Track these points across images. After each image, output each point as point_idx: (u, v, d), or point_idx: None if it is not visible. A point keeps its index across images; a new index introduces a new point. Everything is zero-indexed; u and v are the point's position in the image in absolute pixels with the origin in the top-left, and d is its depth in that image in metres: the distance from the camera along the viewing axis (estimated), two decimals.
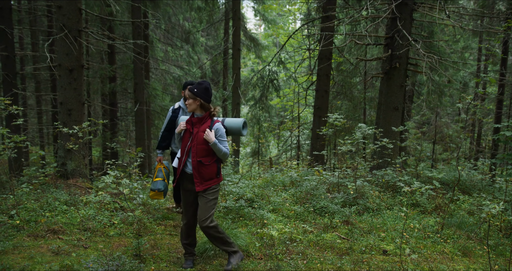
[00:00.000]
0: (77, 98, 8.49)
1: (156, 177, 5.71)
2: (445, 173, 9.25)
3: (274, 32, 32.89)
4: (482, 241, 5.95)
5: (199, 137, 4.45)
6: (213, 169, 4.51)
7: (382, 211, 7.15)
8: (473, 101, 6.75)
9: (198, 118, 4.51)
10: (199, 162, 4.43)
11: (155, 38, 18.74)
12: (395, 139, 9.52)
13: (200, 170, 4.43)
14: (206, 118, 4.53)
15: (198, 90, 4.44)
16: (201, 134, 4.44)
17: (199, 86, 4.47)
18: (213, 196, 4.53)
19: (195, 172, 4.44)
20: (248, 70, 33.00)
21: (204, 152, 4.45)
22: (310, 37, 15.65)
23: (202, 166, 4.44)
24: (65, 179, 8.29)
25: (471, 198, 7.96)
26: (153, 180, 5.71)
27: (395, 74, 9.78)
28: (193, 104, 4.48)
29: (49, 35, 15.17)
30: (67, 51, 8.27)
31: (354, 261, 4.90)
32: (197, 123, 4.52)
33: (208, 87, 4.49)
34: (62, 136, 8.29)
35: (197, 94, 4.44)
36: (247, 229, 6.05)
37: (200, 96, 4.44)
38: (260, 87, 17.75)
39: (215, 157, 4.53)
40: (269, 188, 8.47)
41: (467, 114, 7.13)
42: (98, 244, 5.29)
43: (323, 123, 11.25)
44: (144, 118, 15.32)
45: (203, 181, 4.46)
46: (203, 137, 4.42)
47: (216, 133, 4.45)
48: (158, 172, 5.83)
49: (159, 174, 5.78)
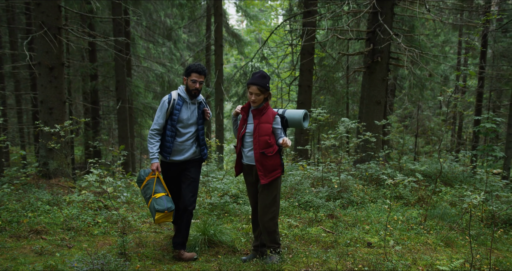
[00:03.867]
0: (58, 97, 8.38)
1: (156, 192, 4.57)
2: (427, 166, 9.37)
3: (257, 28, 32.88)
4: (464, 231, 6.05)
5: (261, 127, 4.34)
6: (276, 160, 4.42)
7: (366, 204, 7.21)
8: (454, 94, 6.84)
9: (258, 110, 4.41)
10: (261, 153, 4.33)
11: (137, 35, 18.57)
12: (378, 133, 9.61)
13: (263, 162, 4.33)
14: (266, 109, 4.43)
15: (266, 83, 4.32)
16: (263, 125, 4.34)
17: (264, 80, 4.33)
18: (276, 189, 4.45)
19: (258, 165, 4.34)
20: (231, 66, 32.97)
21: (266, 144, 4.35)
22: (292, 33, 15.67)
23: (266, 158, 4.34)
24: (47, 179, 8.19)
25: (453, 190, 8.07)
26: (152, 197, 4.55)
27: (377, 68, 9.86)
28: (261, 99, 4.38)
29: (28, 33, 14.90)
30: (47, 49, 8.16)
31: (339, 254, 4.93)
32: (257, 114, 4.42)
33: (266, 75, 4.38)
34: (44, 135, 8.19)
35: (267, 88, 4.34)
36: (233, 225, 6.05)
37: (268, 88, 4.35)
38: (243, 83, 17.73)
39: (277, 147, 4.43)
40: None
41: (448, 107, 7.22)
42: (82, 243, 5.24)
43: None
44: (126, 116, 15.18)
45: (267, 173, 4.36)
46: (265, 128, 4.33)
47: (278, 124, 4.41)
48: (157, 184, 4.64)
49: (158, 188, 4.62)
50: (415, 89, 15.49)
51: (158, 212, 4.42)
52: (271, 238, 4.51)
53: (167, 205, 4.47)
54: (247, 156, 4.48)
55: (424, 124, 18.69)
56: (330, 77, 16.53)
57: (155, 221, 4.46)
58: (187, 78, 4.67)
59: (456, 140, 19.38)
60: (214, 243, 5.10)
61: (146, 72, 19.87)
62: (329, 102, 17.63)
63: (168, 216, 4.51)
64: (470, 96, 19.46)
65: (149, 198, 4.58)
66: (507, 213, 6.52)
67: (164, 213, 4.44)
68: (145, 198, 4.65)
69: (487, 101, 17.64)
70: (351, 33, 9.99)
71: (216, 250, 5.02)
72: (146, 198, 4.63)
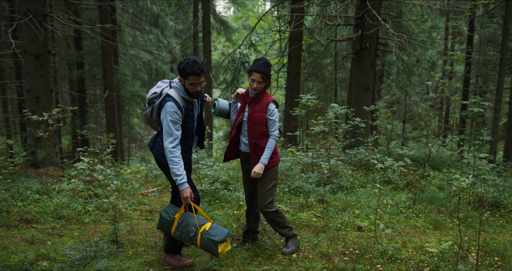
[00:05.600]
0: (45, 85, 8.28)
1: (201, 225, 3.92)
2: (416, 150, 9.47)
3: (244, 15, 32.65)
4: (452, 214, 6.14)
5: (254, 117, 4.24)
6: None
7: (355, 189, 7.28)
8: (441, 79, 6.89)
9: (253, 98, 4.28)
10: (254, 143, 4.27)
11: (123, 22, 18.33)
12: (367, 118, 9.65)
13: (257, 152, 4.28)
14: (261, 97, 4.29)
15: (268, 70, 4.20)
16: (256, 114, 4.22)
17: (267, 67, 4.20)
18: (273, 177, 4.39)
19: (252, 154, 4.28)
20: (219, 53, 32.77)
21: (260, 134, 4.26)
22: (280, 19, 15.59)
23: (259, 148, 4.28)
24: (35, 168, 8.13)
25: (441, 174, 8.18)
26: (199, 232, 3.85)
27: (365, 54, 9.86)
28: (262, 87, 4.26)
29: (12, 20, 14.62)
30: (33, 37, 8.04)
31: (330, 238, 4.99)
32: (252, 103, 4.29)
33: (269, 62, 4.24)
34: (31, 124, 8.10)
35: (270, 76, 4.23)
36: (224, 211, 6.08)
37: (270, 76, 4.24)
38: (231, 71, 17.66)
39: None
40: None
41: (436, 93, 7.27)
42: (73, 231, 5.23)
43: (296, 104, 11.30)
44: (114, 104, 15.07)
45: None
46: (259, 117, 4.22)
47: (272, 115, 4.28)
48: (197, 217, 4.00)
49: (201, 219, 4.01)
50: (403, 75, 15.55)
51: (221, 242, 3.82)
52: (278, 224, 4.44)
53: (223, 231, 3.90)
54: (246, 143, 4.40)
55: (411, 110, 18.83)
56: (319, 63, 16.53)
57: (220, 254, 3.84)
58: (184, 81, 3.89)
59: (443, 125, 19.57)
60: None
61: (133, 60, 19.68)
62: (317, 88, 17.65)
63: (228, 243, 3.96)
64: (457, 82, 19.62)
65: (195, 235, 3.87)
66: (494, 196, 6.63)
67: (227, 241, 3.91)
68: (188, 238, 3.90)
69: (474, 87, 17.81)
70: (339, 19, 9.96)
71: None
72: (190, 237, 3.89)
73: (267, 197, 4.32)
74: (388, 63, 17.83)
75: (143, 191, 7.34)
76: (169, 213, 4.02)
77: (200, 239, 3.82)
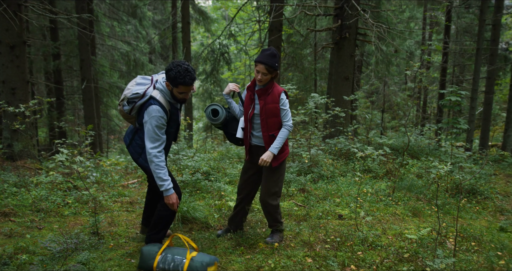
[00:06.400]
0: (21, 77, 8.12)
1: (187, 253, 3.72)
2: (395, 139, 9.59)
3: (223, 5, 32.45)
4: (430, 201, 6.26)
5: (268, 109, 4.12)
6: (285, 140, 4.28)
7: (336, 178, 7.35)
8: (420, 69, 6.97)
9: (263, 90, 4.16)
10: (271, 136, 4.16)
11: (100, 12, 18.00)
12: (347, 108, 9.72)
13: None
14: (271, 88, 4.18)
15: (275, 62, 4.04)
16: (270, 106, 4.10)
17: (273, 59, 4.03)
18: (283, 170, 4.36)
19: (267, 147, 4.17)
20: (198, 44, 32.50)
21: (276, 125, 4.17)
22: (259, 9, 15.51)
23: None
24: (12, 161, 7.99)
25: (419, 162, 8.31)
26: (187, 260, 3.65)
27: (345, 44, 9.91)
28: (267, 78, 4.12)
29: None
30: (7, 27, 7.86)
31: (312, 226, 5.04)
32: (262, 94, 4.16)
33: (276, 53, 4.09)
34: (7, 116, 7.95)
35: (276, 68, 4.06)
36: (205, 202, 6.07)
37: (277, 68, 4.08)
38: (211, 61, 17.56)
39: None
40: (225, 161, 8.50)
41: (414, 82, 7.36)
42: (53, 224, 5.16)
43: None
44: (92, 96, 14.83)
45: (277, 155, 4.21)
46: (273, 108, 4.11)
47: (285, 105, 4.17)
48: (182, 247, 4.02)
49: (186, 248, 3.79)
50: (382, 65, 15.67)
51: (209, 266, 3.64)
52: (273, 217, 4.46)
53: (210, 257, 3.71)
54: (256, 136, 4.30)
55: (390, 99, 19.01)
56: (298, 54, 16.53)
57: None
58: (172, 87, 3.71)
59: (421, 114, 19.83)
60: (188, 219, 5.11)
61: (111, 51, 19.37)
62: (297, 79, 17.69)
63: (215, 267, 3.73)
64: (434, 72, 19.87)
65: (181, 264, 3.66)
66: (471, 183, 6.77)
67: (215, 265, 3.70)
68: (174, 266, 3.66)
69: (451, 76, 18.07)
70: (319, 9, 9.98)
71: (190, 227, 5.03)
72: (176, 265, 3.66)
73: (273, 189, 4.31)
74: (367, 54, 17.93)
75: (123, 182, 7.28)
76: (153, 250, 3.78)
77: (187, 264, 3.62)
